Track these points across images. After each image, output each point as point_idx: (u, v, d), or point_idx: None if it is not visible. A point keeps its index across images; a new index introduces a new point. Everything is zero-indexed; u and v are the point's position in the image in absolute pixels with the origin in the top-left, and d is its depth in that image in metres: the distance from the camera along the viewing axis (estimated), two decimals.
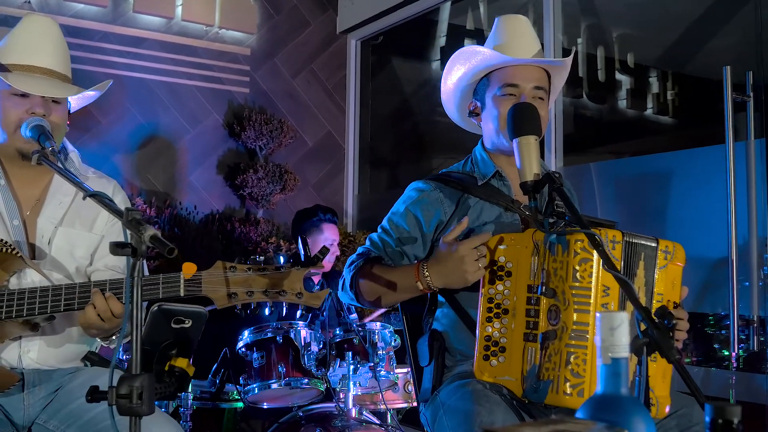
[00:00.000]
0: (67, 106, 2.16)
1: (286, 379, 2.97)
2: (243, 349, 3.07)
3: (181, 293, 1.75)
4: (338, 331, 3.10)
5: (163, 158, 4.76)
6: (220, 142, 4.95)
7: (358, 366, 3.00)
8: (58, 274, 2.06)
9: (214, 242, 4.72)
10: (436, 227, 2.09)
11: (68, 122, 2.18)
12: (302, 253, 1.81)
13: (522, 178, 1.82)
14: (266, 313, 3.37)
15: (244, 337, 3.08)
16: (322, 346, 3.06)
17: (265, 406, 3.18)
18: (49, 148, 1.89)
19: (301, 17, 5.32)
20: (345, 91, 5.49)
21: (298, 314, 3.33)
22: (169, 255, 1.36)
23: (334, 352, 3.04)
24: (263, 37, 5.14)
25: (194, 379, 3.16)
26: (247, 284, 1.77)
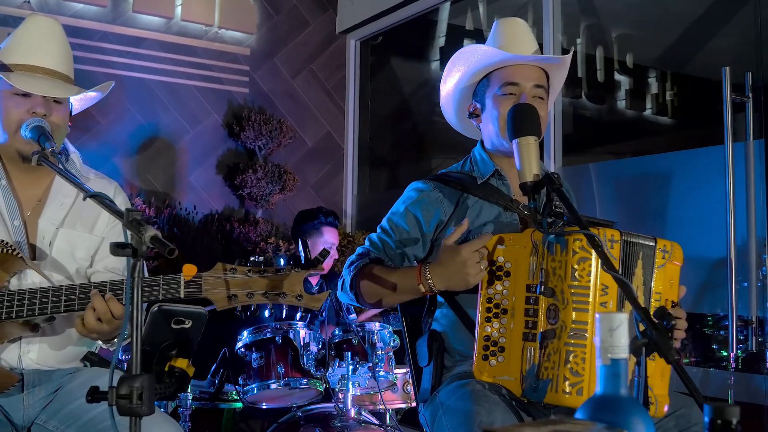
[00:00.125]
0: (69, 107, 2.15)
1: (285, 379, 2.97)
2: (242, 350, 3.07)
3: (182, 295, 1.75)
4: (337, 332, 3.10)
5: (163, 158, 4.76)
6: (219, 142, 4.95)
7: (357, 366, 3.00)
8: (58, 276, 2.06)
9: (214, 242, 4.72)
10: (436, 227, 2.09)
11: (69, 123, 2.18)
12: (302, 255, 1.81)
13: (522, 178, 1.83)
14: (266, 314, 3.37)
15: (243, 337, 3.08)
16: (321, 346, 3.06)
17: (264, 407, 3.18)
18: (49, 149, 1.88)
19: (301, 17, 5.32)
20: (344, 91, 5.49)
21: (298, 316, 3.33)
22: (170, 255, 1.37)
23: (333, 353, 3.04)
24: (263, 37, 5.14)
25: (193, 380, 3.16)
26: (247, 286, 1.77)
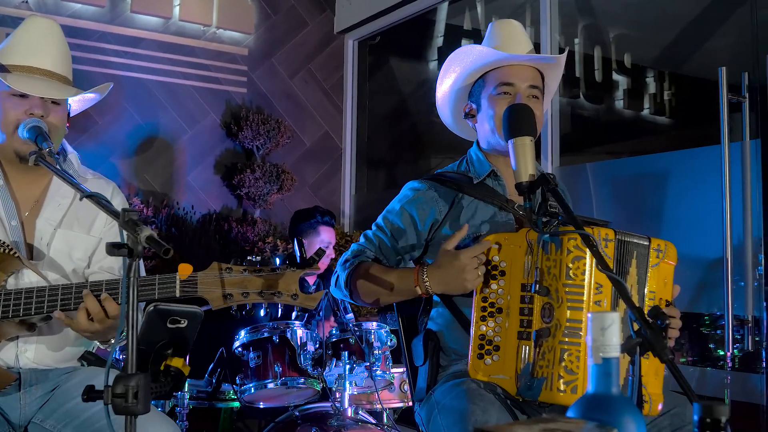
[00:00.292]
0: (67, 108, 2.15)
1: (283, 378, 2.98)
2: (239, 349, 3.08)
3: (177, 294, 1.75)
4: (334, 331, 3.10)
5: (161, 158, 4.76)
6: (217, 142, 4.96)
7: (354, 366, 3.00)
8: (55, 276, 2.06)
9: (212, 242, 4.72)
10: (431, 226, 2.10)
11: (68, 124, 2.18)
12: (298, 254, 1.81)
13: (517, 178, 1.84)
14: (261, 314, 3.37)
15: (241, 336, 3.09)
16: (318, 345, 3.06)
17: (262, 406, 3.18)
18: (46, 149, 1.88)
19: (299, 17, 5.33)
20: (342, 91, 5.50)
21: (293, 315, 3.34)
22: (165, 255, 1.37)
23: (330, 352, 3.05)
24: (261, 38, 5.15)
25: (191, 379, 3.17)
26: (242, 285, 1.77)
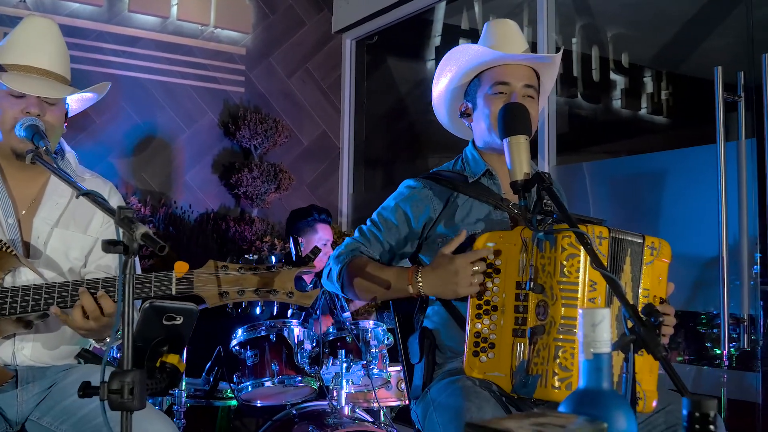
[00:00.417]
0: (65, 108, 2.16)
1: (280, 377, 2.98)
2: (236, 348, 3.08)
3: (173, 292, 1.76)
4: (331, 330, 3.11)
5: (159, 157, 4.77)
6: (215, 141, 4.96)
7: (351, 364, 3.00)
8: (52, 274, 2.06)
9: (209, 241, 4.73)
10: (425, 224, 2.12)
11: (66, 124, 2.19)
12: (294, 252, 1.82)
13: (512, 177, 1.84)
14: (257, 312, 3.38)
15: (238, 335, 3.09)
16: (316, 344, 3.07)
17: (259, 404, 3.18)
18: (42, 148, 1.89)
19: (297, 17, 5.33)
20: (340, 90, 5.50)
21: (289, 313, 3.34)
22: (161, 252, 1.38)
23: (327, 350, 3.05)
24: (258, 37, 5.15)
25: (188, 377, 3.17)
26: (238, 283, 1.78)
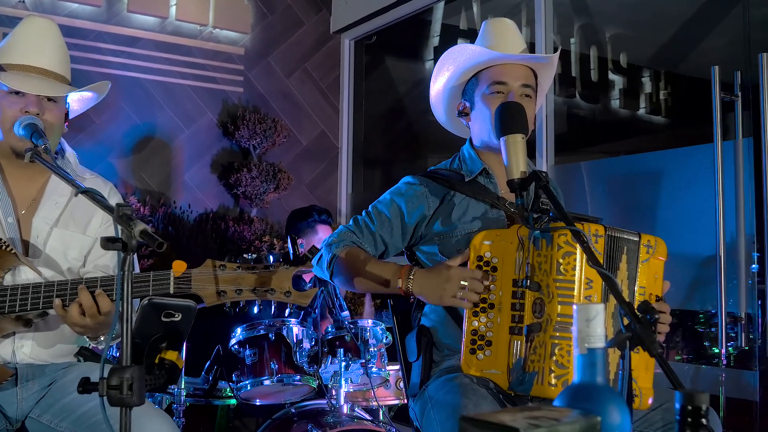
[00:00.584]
0: (65, 107, 2.16)
1: (279, 375, 2.99)
2: (236, 347, 3.09)
3: (171, 290, 1.77)
4: (330, 329, 3.12)
5: (158, 157, 4.77)
6: (214, 141, 4.97)
7: (350, 363, 3.01)
8: (51, 273, 2.07)
9: (208, 241, 4.74)
10: (419, 221, 2.13)
11: (66, 124, 2.19)
12: (291, 252, 1.83)
13: (509, 175, 1.85)
14: (255, 311, 3.39)
15: (237, 334, 3.10)
16: (314, 343, 3.08)
17: (258, 403, 3.19)
18: (41, 146, 1.89)
19: (295, 17, 5.34)
20: (339, 90, 5.51)
21: (287, 312, 3.35)
22: (159, 249, 1.39)
23: (326, 349, 3.05)
24: (257, 37, 5.16)
25: (187, 376, 3.18)
26: (236, 282, 1.79)
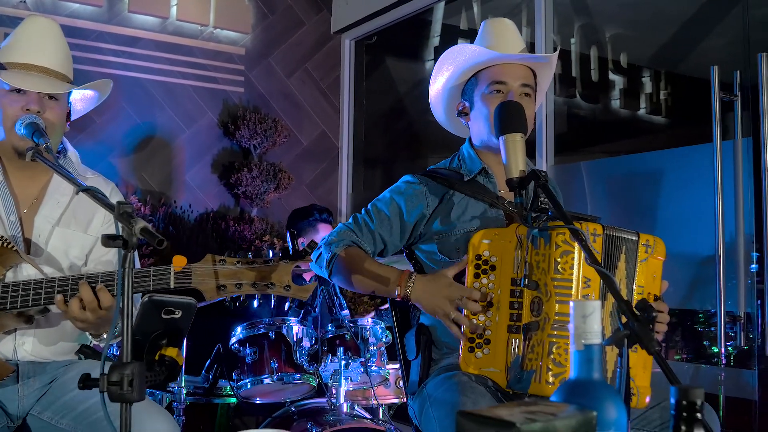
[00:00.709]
0: (66, 106, 2.17)
1: (279, 374, 3.00)
2: (236, 345, 3.10)
3: (171, 285, 1.77)
4: (330, 327, 3.13)
5: (159, 157, 4.78)
6: (214, 141, 4.98)
7: (350, 361, 3.02)
8: (52, 271, 2.08)
9: (209, 240, 4.75)
10: (418, 220, 2.14)
11: (68, 123, 2.20)
12: (290, 246, 1.83)
13: (508, 174, 1.86)
14: (255, 305, 3.39)
15: (237, 333, 3.11)
16: (314, 341, 3.09)
17: (258, 401, 3.20)
18: (42, 145, 1.90)
19: (296, 17, 5.35)
20: (339, 90, 5.51)
21: (287, 306, 3.36)
22: (159, 246, 1.40)
23: (326, 348, 3.06)
24: (258, 37, 5.17)
25: (187, 375, 3.19)
26: (236, 277, 1.79)
